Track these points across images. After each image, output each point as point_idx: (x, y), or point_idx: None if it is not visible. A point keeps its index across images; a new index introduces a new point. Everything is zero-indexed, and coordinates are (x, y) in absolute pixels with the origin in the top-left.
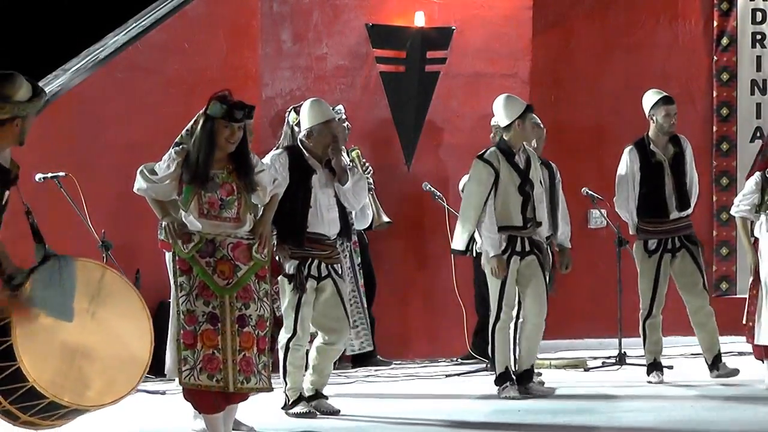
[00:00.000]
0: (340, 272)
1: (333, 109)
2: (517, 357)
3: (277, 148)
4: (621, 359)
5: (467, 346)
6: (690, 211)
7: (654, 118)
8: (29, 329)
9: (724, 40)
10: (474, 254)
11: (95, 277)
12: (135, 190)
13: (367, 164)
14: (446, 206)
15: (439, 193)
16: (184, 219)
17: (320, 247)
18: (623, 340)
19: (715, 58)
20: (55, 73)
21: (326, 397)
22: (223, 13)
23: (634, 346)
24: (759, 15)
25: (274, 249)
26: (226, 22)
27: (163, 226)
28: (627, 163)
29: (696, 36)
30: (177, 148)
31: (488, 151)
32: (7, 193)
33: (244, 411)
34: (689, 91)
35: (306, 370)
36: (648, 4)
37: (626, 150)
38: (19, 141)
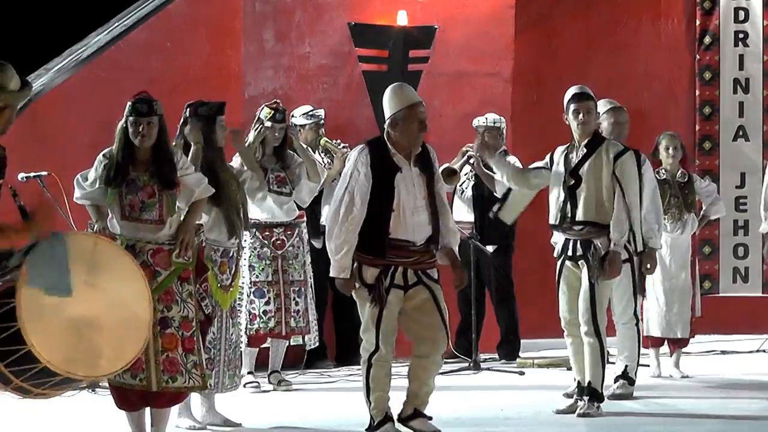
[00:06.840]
0: (435, 277)
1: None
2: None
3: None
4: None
5: (450, 346)
6: None
7: None
8: (34, 311)
9: (707, 39)
10: None
11: (88, 248)
12: (74, 199)
13: (342, 144)
14: None
15: None
16: (108, 222)
17: (404, 254)
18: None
19: (697, 56)
20: (37, 72)
21: (429, 417)
22: (205, 13)
23: (615, 345)
24: (741, 14)
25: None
26: (209, 22)
27: (94, 230)
28: None
29: (678, 35)
30: (105, 151)
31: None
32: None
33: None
34: (672, 90)
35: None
36: (630, 3)
37: None
38: (3, 130)
